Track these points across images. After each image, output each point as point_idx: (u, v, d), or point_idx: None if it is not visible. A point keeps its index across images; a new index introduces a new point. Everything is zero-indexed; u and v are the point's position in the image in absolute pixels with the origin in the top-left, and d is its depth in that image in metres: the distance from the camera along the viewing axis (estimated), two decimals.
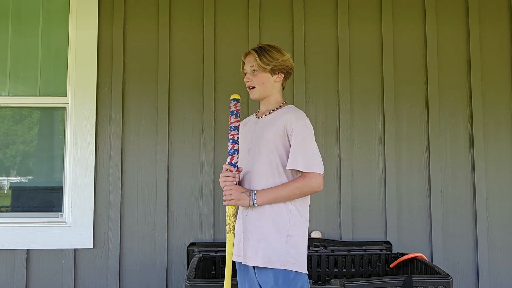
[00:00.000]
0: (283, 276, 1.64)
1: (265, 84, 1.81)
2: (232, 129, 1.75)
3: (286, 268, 1.64)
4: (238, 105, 1.80)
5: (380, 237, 2.67)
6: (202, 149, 2.67)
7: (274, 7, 2.77)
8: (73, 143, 2.62)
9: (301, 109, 2.66)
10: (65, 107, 2.69)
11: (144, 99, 2.69)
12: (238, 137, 1.75)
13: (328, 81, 2.75)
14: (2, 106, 2.71)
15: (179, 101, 2.70)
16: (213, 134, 2.67)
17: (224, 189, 1.72)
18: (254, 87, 1.82)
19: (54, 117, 2.77)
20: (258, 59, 1.79)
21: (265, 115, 1.84)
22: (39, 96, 2.73)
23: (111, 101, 2.67)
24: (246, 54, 1.87)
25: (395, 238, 2.66)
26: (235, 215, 1.71)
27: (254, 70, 1.81)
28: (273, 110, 1.83)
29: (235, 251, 1.79)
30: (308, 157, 1.69)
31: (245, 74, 1.88)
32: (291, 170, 1.73)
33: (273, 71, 1.81)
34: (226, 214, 1.70)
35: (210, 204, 2.64)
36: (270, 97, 1.84)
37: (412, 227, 2.70)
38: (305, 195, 1.72)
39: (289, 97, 2.71)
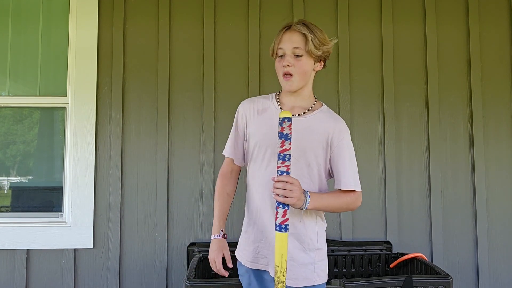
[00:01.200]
0: None
1: (307, 74, 1.52)
2: (287, 159, 1.38)
3: (317, 283, 1.54)
4: (292, 126, 1.40)
5: (380, 237, 2.67)
6: (202, 149, 2.67)
7: (274, 7, 2.77)
8: (73, 143, 2.62)
9: None
10: (65, 107, 2.69)
11: (144, 98, 2.69)
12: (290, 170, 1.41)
13: (328, 81, 2.75)
14: (2, 106, 2.71)
15: (179, 101, 2.70)
16: (213, 133, 2.67)
17: (282, 182, 1.37)
18: (291, 75, 1.50)
19: (54, 117, 2.77)
20: (310, 42, 1.46)
21: (298, 114, 1.55)
22: (39, 96, 2.73)
23: (111, 101, 2.67)
24: (288, 30, 1.50)
25: (395, 238, 2.66)
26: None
27: (297, 54, 1.49)
28: (308, 110, 1.56)
29: (250, 258, 1.61)
30: (356, 176, 1.55)
31: (280, 55, 1.52)
32: (325, 180, 1.58)
33: (318, 58, 1.53)
34: (278, 268, 1.34)
35: (210, 204, 2.63)
36: (304, 89, 1.56)
37: (412, 227, 2.69)
38: (347, 210, 1.59)
39: None
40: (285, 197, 1.37)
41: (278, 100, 1.62)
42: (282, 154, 1.38)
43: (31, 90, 2.75)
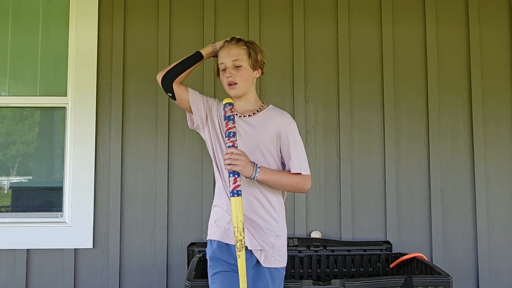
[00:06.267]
0: (275, 272, 1.70)
1: (248, 81, 1.75)
2: (231, 135, 1.64)
3: (278, 266, 1.70)
4: (233, 109, 1.72)
5: (380, 237, 2.67)
6: (202, 148, 2.66)
7: (274, 7, 2.77)
8: (73, 143, 2.62)
9: (301, 109, 2.70)
10: (65, 107, 2.69)
11: (144, 98, 2.69)
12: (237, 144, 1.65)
13: (328, 81, 2.74)
14: (2, 106, 2.71)
15: None
16: None
17: (229, 153, 1.59)
18: (236, 83, 1.73)
19: (54, 117, 2.77)
20: (248, 55, 1.74)
21: (249, 115, 1.76)
22: (39, 96, 2.73)
23: (111, 101, 2.67)
24: (224, 45, 1.78)
25: (395, 238, 2.66)
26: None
27: (237, 65, 1.73)
28: (257, 111, 1.77)
29: (225, 236, 1.71)
30: (304, 161, 1.73)
31: (222, 69, 1.76)
32: (281, 167, 1.77)
33: (255, 67, 1.77)
34: (235, 228, 1.54)
35: (210, 204, 2.61)
36: (249, 95, 1.79)
37: (412, 227, 2.69)
38: (295, 191, 1.81)
39: (289, 97, 2.72)
40: (232, 165, 1.58)
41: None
42: (227, 132, 1.64)
43: (31, 90, 2.75)
